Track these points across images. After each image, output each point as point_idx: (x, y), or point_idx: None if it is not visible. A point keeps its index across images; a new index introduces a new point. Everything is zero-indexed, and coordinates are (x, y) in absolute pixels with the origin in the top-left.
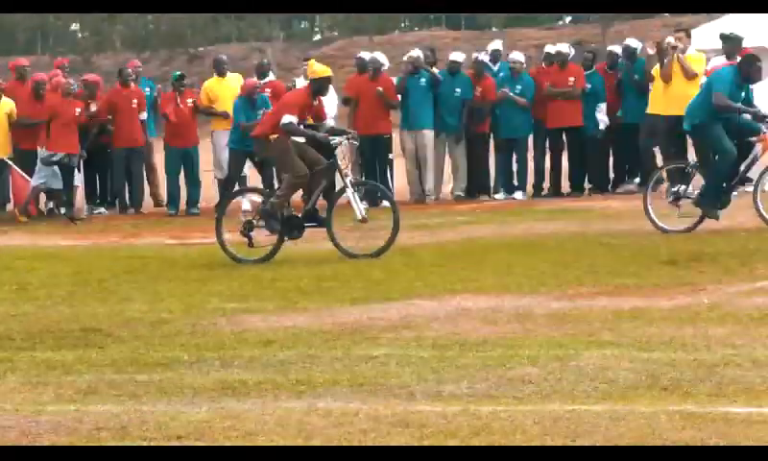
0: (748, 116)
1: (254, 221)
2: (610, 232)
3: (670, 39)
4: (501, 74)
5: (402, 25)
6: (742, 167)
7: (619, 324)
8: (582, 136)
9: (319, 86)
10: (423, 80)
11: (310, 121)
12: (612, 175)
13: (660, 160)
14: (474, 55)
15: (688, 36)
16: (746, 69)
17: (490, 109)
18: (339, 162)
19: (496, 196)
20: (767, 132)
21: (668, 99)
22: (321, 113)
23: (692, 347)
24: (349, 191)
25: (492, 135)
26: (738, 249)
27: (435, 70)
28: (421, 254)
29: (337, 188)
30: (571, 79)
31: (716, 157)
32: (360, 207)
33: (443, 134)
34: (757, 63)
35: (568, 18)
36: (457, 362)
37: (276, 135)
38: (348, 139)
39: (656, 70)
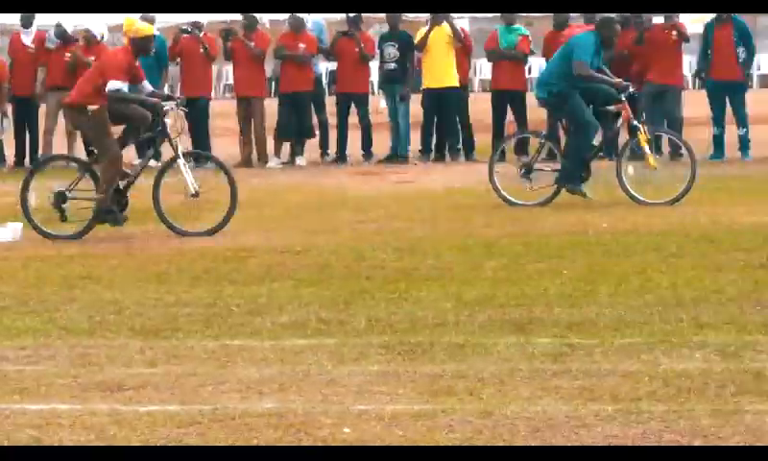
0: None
1: (67, 192)
2: None
3: None
4: None
5: None
6: (599, 140)
7: None
8: None
9: (142, 46)
10: None
11: None
12: None
13: None
14: None
15: None
16: (606, 34)
17: None
18: (168, 130)
19: None
20: (625, 100)
21: None
22: (139, 75)
23: None
24: (180, 162)
25: None
26: None
27: None
28: None
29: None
30: None
31: (575, 128)
32: (192, 181)
33: None
34: (617, 27)
35: None
36: None
37: (95, 106)
38: (176, 105)
39: None
